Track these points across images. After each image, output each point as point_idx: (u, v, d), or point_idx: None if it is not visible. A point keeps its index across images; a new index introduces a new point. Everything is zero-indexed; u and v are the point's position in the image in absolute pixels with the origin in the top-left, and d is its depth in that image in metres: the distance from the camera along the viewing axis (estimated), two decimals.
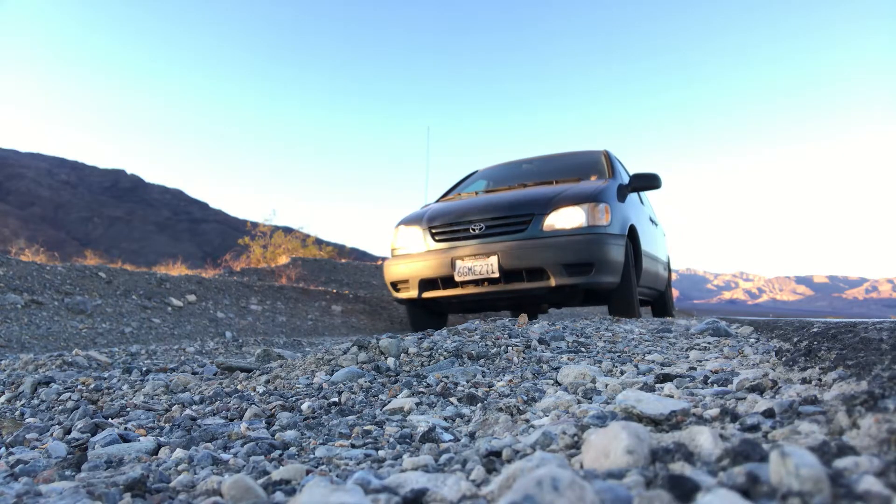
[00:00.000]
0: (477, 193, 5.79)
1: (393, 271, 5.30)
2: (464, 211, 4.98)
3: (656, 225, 7.40)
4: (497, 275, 4.65)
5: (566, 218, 4.65)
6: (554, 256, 4.52)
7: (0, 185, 58.88)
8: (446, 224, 5.01)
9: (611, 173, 5.70)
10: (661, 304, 7.53)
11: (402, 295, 5.25)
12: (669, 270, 8.13)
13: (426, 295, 5.08)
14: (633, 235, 5.37)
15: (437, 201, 6.04)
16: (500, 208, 4.83)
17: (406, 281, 5.16)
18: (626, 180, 5.71)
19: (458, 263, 4.82)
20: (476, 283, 4.77)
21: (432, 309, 5.59)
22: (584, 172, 5.82)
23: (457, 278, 4.79)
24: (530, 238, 4.66)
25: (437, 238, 5.06)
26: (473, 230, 4.86)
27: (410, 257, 5.15)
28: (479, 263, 4.75)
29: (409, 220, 5.36)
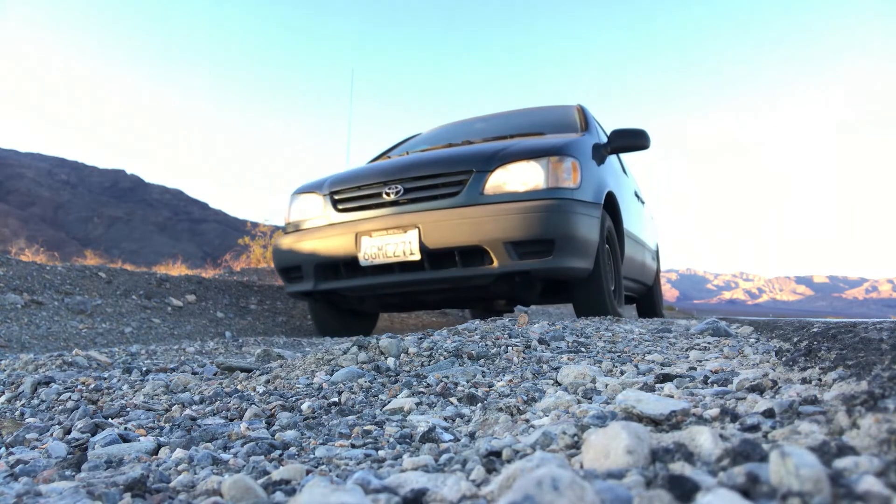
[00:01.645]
0: (408, 154, 4.42)
1: (281, 254, 3.96)
2: (378, 171, 3.71)
3: (643, 203, 6.07)
4: (417, 257, 3.38)
5: (518, 177, 3.40)
6: (498, 230, 3.25)
7: (0, 185, 58.88)
8: (353, 188, 3.73)
9: (585, 128, 4.37)
10: (648, 301, 6.29)
11: (295, 287, 3.94)
12: (659, 262, 6.86)
13: (325, 286, 3.78)
14: (612, 207, 4.13)
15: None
16: (425, 166, 3.58)
17: (298, 268, 3.88)
18: (603, 140, 4.45)
19: (365, 241, 3.52)
20: (388, 268, 3.52)
21: (342, 306, 4.24)
22: (552, 130, 4.39)
23: (362, 262, 3.51)
24: (466, 205, 3.37)
25: (339, 207, 3.75)
26: (387, 195, 3.55)
27: (305, 234, 3.83)
28: (392, 241, 3.45)
29: (309, 187, 4.03)
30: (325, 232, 3.74)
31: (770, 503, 0.45)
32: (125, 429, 1.04)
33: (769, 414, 0.75)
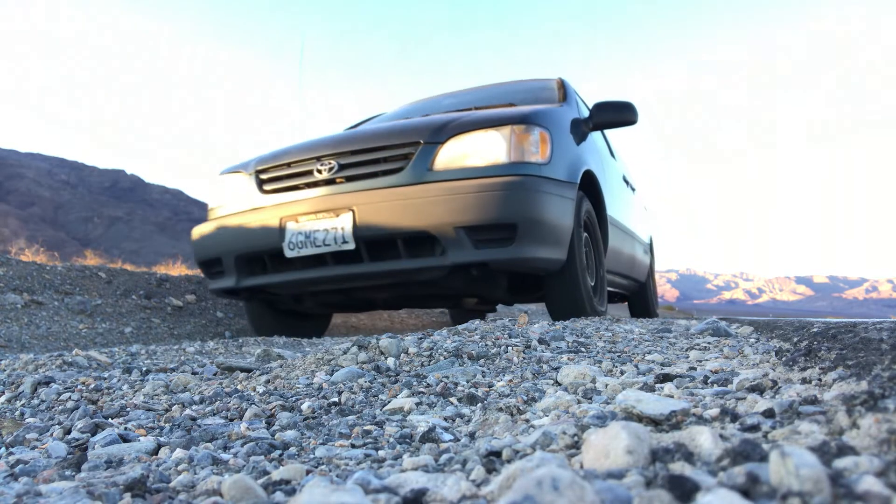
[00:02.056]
0: None
1: (199, 245, 3.45)
2: (311, 146, 3.17)
3: (634, 190, 5.44)
4: (351, 245, 2.85)
5: (474, 149, 2.88)
6: (449, 213, 2.72)
7: (0, 185, 58.90)
8: (281, 166, 3.20)
9: (563, 100, 3.84)
10: (640, 299, 5.72)
11: (217, 284, 3.39)
12: (653, 256, 6.19)
13: (249, 283, 3.23)
14: (592, 190, 3.61)
15: None
16: (365, 139, 3.04)
17: (218, 261, 3.34)
18: (585, 115, 3.94)
19: (291, 228, 2.99)
20: (320, 260, 3.00)
21: (279, 306, 3.73)
22: (526, 103, 3.87)
23: (288, 252, 2.99)
24: (411, 183, 2.85)
25: (265, 189, 3.22)
26: (319, 172, 3.03)
27: (225, 221, 3.30)
28: (322, 226, 2.91)
29: (235, 167, 3.50)
30: (247, 218, 3.17)
31: (770, 503, 0.45)
32: (125, 429, 1.04)
33: (769, 414, 0.75)
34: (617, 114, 3.75)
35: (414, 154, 2.92)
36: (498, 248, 2.78)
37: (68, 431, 1.06)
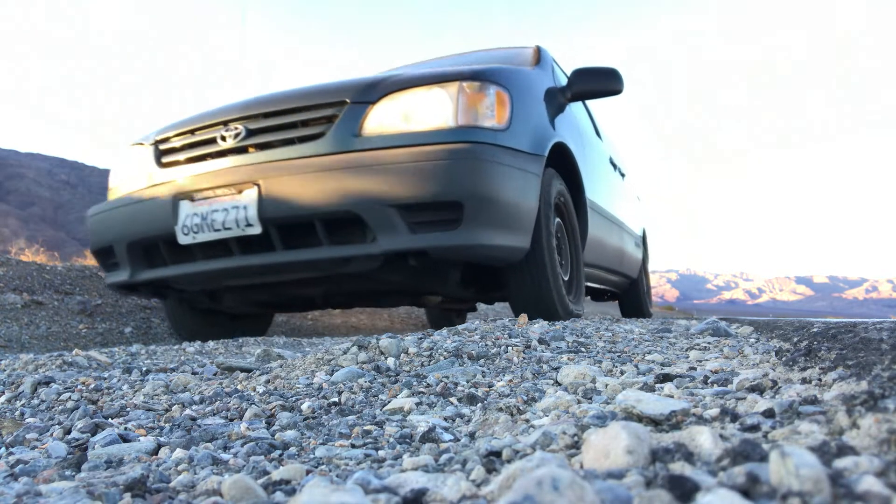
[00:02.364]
0: None
1: (94, 231, 2.94)
2: (221, 110, 2.65)
3: (623, 176, 4.91)
4: (257, 229, 2.36)
5: (414, 110, 2.38)
6: (379, 188, 2.24)
7: (0, 185, 58.88)
8: (183, 133, 2.70)
9: (536, 63, 3.35)
10: (632, 298, 5.25)
11: (113, 278, 2.89)
12: (647, 250, 5.66)
13: (146, 276, 2.71)
14: (568, 167, 3.07)
15: None
16: (281, 99, 2.54)
17: (111, 249, 2.82)
18: (562, 84, 3.42)
19: (185, 208, 2.50)
20: (224, 248, 2.50)
21: (197, 304, 3.21)
22: None
23: (182, 238, 2.50)
24: (333, 151, 2.36)
25: (164, 161, 2.72)
26: (223, 140, 2.54)
27: (118, 202, 2.80)
28: (221, 206, 2.41)
29: (140, 139, 2.97)
30: (140, 197, 2.66)
31: (770, 503, 0.45)
32: (125, 429, 1.04)
33: (769, 414, 0.75)
34: (600, 82, 3.25)
35: (338, 116, 2.40)
36: (440, 232, 2.28)
37: (68, 431, 1.06)
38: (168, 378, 1.48)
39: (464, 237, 2.28)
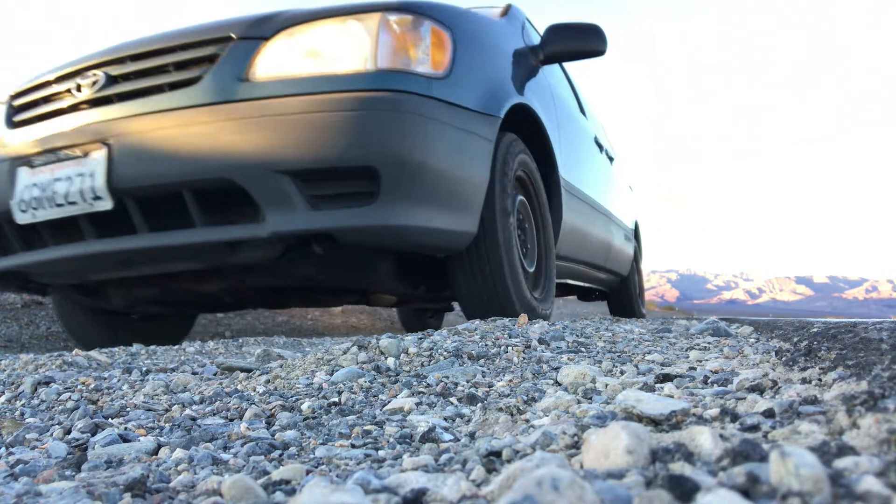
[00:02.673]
0: None
1: None
2: (84, 58, 2.13)
3: (612, 160, 4.36)
4: (108, 203, 1.88)
5: (319, 49, 1.86)
6: (265, 148, 1.76)
7: None
8: (39, 86, 2.21)
9: (503, 15, 2.84)
10: (622, 297, 4.78)
11: None
12: (640, 245, 5.18)
13: None
14: (536, 138, 2.56)
15: None
16: (152, 41, 2.01)
17: None
18: (534, 43, 2.85)
19: (22, 177, 2.03)
20: (68, 229, 2.03)
21: (85, 303, 2.61)
22: None
23: (19, 217, 2.03)
24: (211, 101, 1.85)
25: (15, 120, 2.24)
26: (79, 90, 2.04)
27: None
28: (63, 174, 1.94)
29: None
30: None
31: (770, 503, 0.45)
32: (125, 429, 1.04)
33: (769, 414, 0.75)
34: (579, 40, 2.70)
35: (219, 57, 1.86)
36: (350, 209, 1.76)
37: (68, 431, 1.06)
38: (168, 378, 1.48)
39: (382, 216, 1.76)
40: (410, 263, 2.25)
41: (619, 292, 4.76)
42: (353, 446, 0.90)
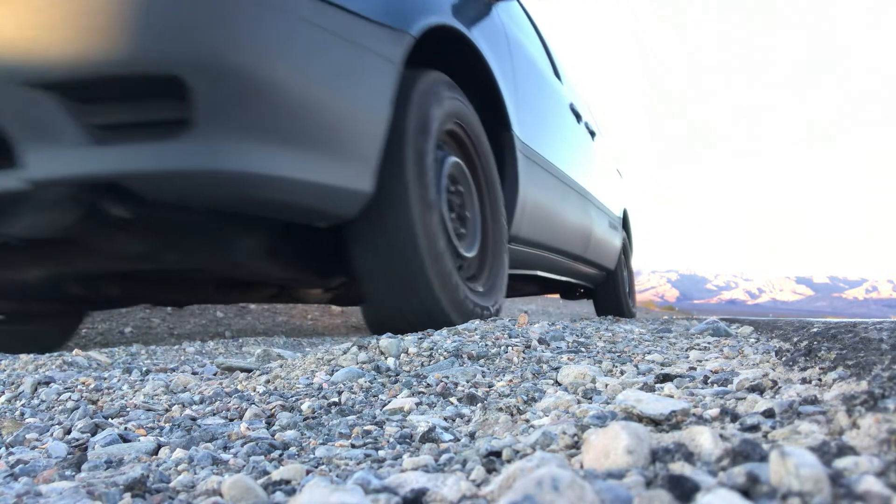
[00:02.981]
0: None
1: None
2: None
3: (593, 135, 3.78)
4: None
5: None
6: (15, 46, 1.07)
7: None
8: None
9: None
10: (609, 294, 4.29)
11: None
12: (630, 236, 4.75)
13: None
14: (480, 83, 2.07)
15: None
16: None
17: None
18: None
19: None
20: None
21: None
22: None
23: None
24: None
25: None
26: None
27: None
28: None
29: None
30: None
31: (770, 503, 0.45)
32: (125, 429, 1.04)
33: (769, 414, 0.75)
34: None
35: None
36: (149, 143, 1.20)
37: (68, 431, 1.06)
38: (168, 378, 1.48)
39: (197, 156, 1.19)
40: (299, 240, 1.67)
41: (606, 289, 4.21)
42: (353, 446, 0.90)
